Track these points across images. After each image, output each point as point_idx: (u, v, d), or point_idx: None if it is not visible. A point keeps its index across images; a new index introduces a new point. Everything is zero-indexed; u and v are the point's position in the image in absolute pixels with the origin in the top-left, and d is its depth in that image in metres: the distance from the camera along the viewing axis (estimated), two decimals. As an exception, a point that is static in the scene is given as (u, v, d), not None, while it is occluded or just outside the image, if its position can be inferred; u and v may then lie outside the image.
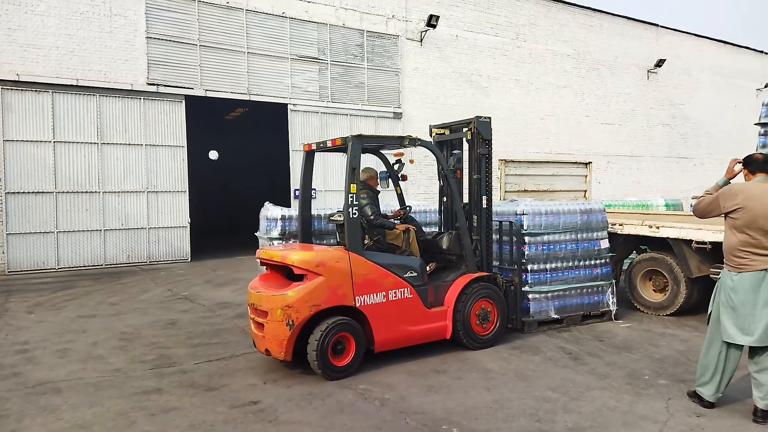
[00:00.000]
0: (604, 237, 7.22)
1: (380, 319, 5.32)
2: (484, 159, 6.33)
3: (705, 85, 25.28)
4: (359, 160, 5.43)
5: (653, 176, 23.32)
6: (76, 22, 12.39)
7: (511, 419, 4.22)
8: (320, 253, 5.26)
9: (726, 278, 4.24)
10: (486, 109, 18.67)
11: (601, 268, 7.19)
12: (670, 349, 5.99)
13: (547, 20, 20.20)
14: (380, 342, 5.36)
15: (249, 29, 14.45)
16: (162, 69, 13.33)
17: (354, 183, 5.27)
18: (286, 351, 5.01)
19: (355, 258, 5.25)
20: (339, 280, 5.13)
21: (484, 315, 5.94)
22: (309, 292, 5.01)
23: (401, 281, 5.49)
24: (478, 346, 5.89)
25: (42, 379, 5.25)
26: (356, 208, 5.25)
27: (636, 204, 10.82)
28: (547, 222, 6.76)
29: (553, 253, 6.82)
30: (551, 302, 6.80)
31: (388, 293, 5.39)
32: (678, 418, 4.21)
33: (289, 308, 4.96)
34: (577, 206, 7.09)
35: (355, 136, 5.39)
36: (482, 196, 6.30)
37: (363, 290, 5.24)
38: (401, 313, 5.46)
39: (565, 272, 6.91)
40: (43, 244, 12.23)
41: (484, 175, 6.34)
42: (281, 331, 4.98)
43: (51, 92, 12.20)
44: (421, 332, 5.63)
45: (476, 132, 6.33)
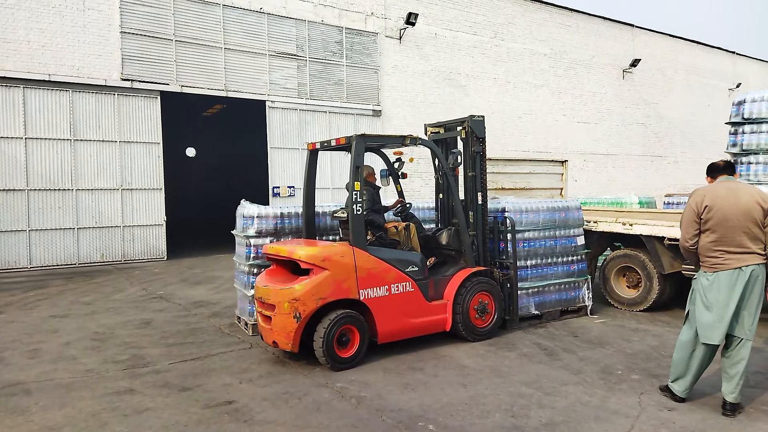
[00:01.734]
0: (580, 234, 7.36)
1: (383, 311, 5.52)
2: (478, 157, 6.48)
3: (679, 84, 25.73)
4: (363, 158, 5.61)
5: (628, 174, 23.68)
6: (47, 15, 12.13)
7: (486, 415, 4.25)
8: (326, 249, 5.42)
9: (702, 278, 4.32)
10: (465, 108, 18.77)
11: (578, 264, 7.32)
12: (643, 344, 6.09)
13: (524, 19, 20.36)
14: (383, 334, 5.56)
15: (226, 24, 14.30)
16: (137, 64, 13.13)
17: (358, 181, 5.44)
18: (293, 343, 5.21)
19: (359, 253, 5.44)
20: (344, 274, 5.32)
21: (482, 308, 6.13)
22: (315, 286, 5.19)
23: (403, 275, 5.68)
24: (477, 338, 6.10)
25: (12, 381, 5.14)
26: (360, 206, 5.44)
27: (611, 201, 10.98)
28: (528, 219, 6.88)
29: (533, 249, 6.94)
30: (531, 298, 6.90)
31: (391, 287, 5.59)
32: (649, 413, 4.28)
33: (296, 301, 5.14)
34: (556, 204, 7.22)
35: (358, 136, 5.56)
36: (477, 193, 6.46)
37: (367, 284, 5.44)
38: (403, 306, 5.66)
39: (544, 269, 7.04)
40: (14, 242, 11.96)
41: (479, 173, 6.49)
42: (289, 323, 5.17)
43: (22, 87, 11.93)
44: (422, 324, 5.81)
45: (470, 131, 6.48)
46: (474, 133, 6.47)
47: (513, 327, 6.63)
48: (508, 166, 10.31)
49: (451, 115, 18.43)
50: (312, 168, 6.42)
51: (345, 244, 5.60)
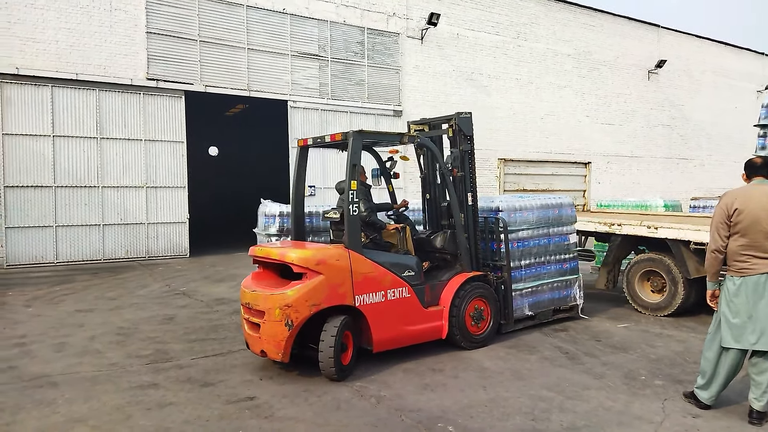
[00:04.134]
0: (572, 231, 7.21)
1: (379, 318, 5.25)
2: (467, 155, 6.21)
3: (706, 86, 25.29)
4: (360, 156, 5.37)
5: (653, 177, 23.34)
6: (76, 16, 12.36)
7: (506, 418, 4.22)
8: (320, 251, 5.12)
9: (728, 283, 4.24)
10: (486, 108, 18.69)
11: (570, 262, 7.17)
12: (667, 349, 5.99)
13: (548, 19, 20.19)
14: (379, 342, 5.29)
15: (249, 25, 14.43)
16: (162, 64, 13.31)
17: (355, 179, 5.18)
18: (284, 352, 4.88)
19: (355, 256, 5.16)
20: (339, 278, 5.02)
21: (478, 314, 5.93)
22: (309, 291, 4.88)
23: (399, 280, 5.43)
24: (473, 345, 5.87)
25: (38, 373, 5.25)
26: (356, 206, 5.17)
27: (635, 204, 10.81)
28: (521, 218, 6.66)
29: (527, 249, 6.72)
30: (525, 299, 6.67)
31: (387, 292, 5.32)
32: (673, 419, 4.21)
33: (288, 308, 4.83)
34: (549, 200, 7.04)
35: (356, 132, 5.33)
36: (467, 194, 6.19)
37: (363, 289, 5.16)
38: (400, 312, 5.40)
39: (538, 268, 6.84)
40: (41, 238, 12.22)
41: (468, 172, 6.22)
42: (279, 331, 4.84)
43: (50, 86, 12.18)
44: (418, 332, 5.57)
45: (458, 128, 6.18)
46: (462, 131, 6.18)
47: (507, 330, 6.41)
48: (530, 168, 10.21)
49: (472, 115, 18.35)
50: (302, 165, 6.09)
51: (340, 246, 5.24)
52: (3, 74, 11.67)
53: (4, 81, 11.71)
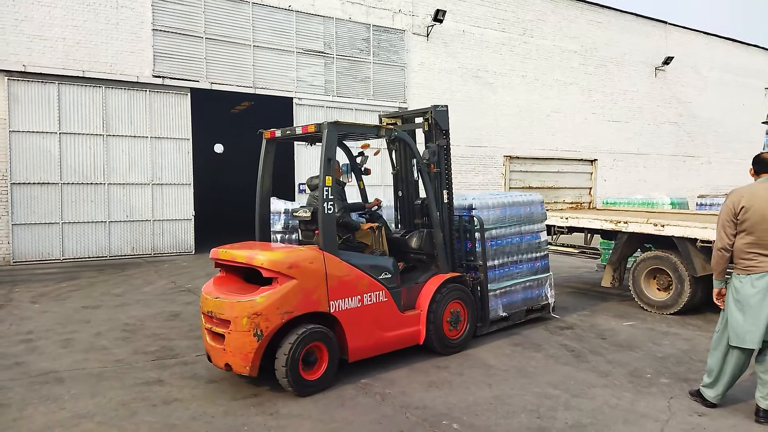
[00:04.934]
0: (543, 229, 7.13)
1: (355, 325, 4.91)
2: (443, 151, 5.96)
3: (713, 83, 25.13)
4: (335, 150, 5.02)
5: (659, 174, 23.23)
6: (82, 13, 12.39)
7: (511, 415, 4.21)
8: (292, 254, 4.72)
9: (735, 281, 4.21)
10: (492, 105, 18.65)
11: (541, 261, 7.07)
12: (673, 347, 5.96)
13: (554, 16, 20.11)
14: (354, 350, 4.95)
15: (255, 22, 14.43)
16: (168, 61, 13.33)
17: (330, 175, 4.84)
18: (252, 365, 4.46)
19: (330, 258, 4.79)
20: (313, 283, 4.65)
21: (455, 318, 5.68)
22: (280, 298, 4.47)
23: (376, 284, 5.11)
24: (450, 351, 5.61)
25: (45, 369, 5.28)
26: (332, 204, 4.83)
27: (641, 202, 10.76)
28: (495, 216, 6.48)
29: (501, 248, 6.57)
30: (499, 300, 6.48)
31: (364, 297, 4.99)
32: (679, 417, 4.19)
33: (257, 316, 4.40)
34: (520, 198, 6.90)
35: (331, 123, 4.96)
36: (443, 191, 5.93)
37: (338, 294, 4.80)
38: (377, 318, 5.08)
39: (511, 267, 6.70)
40: (48, 234, 12.27)
41: (444, 168, 5.95)
42: (247, 342, 4.41)
43: (57, 83, 12.22)
44: (395, 338, 5.27)
45: (434, 122, 5.90)
46: (438, 125, 5.89)
47: (482, 333, 6.17)
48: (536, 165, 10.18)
49: (478, 113, 18.34)
50: (268, 160, 5.65)
51: (314, 248, 4.86)
52: (10, 71, 11.71)
53: (12, 78, 11.76)
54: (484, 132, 18.53)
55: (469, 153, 18.23)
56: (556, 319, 7.12)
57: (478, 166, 18.46)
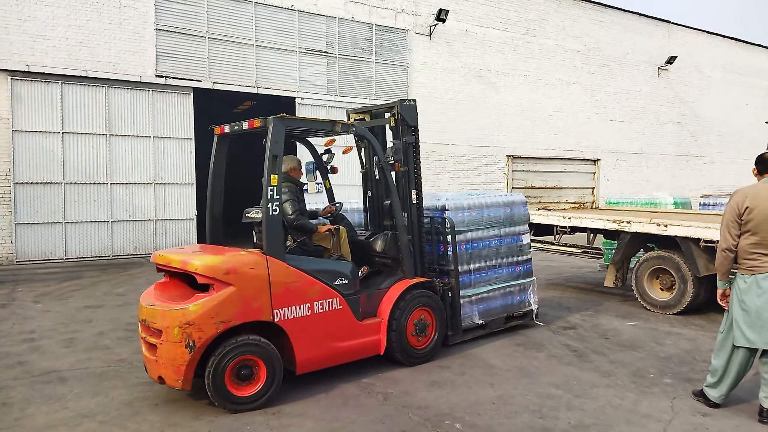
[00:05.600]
0: (525, 231, 6.76)
1: (304, 335, 4.57)
2: (411, 148, 5.60)
3: (716, 82, 25.07)
4: (282, 146, 4.66)
5: (662, 174, 23.19)
6: (85, 13, 12.41)
7: (514, 415, 4.20)
8: (231, 258, 4.39)
9: (739, 281, 4.20)
10: (494, 105, 18.63)
11: (523, 265, 6.68)
12: (676, 347, 5.95)
13: (557, 15, 20.08)
14: (303, 362, 4.61)
15: (258, 22, 14.44)
16: (170, 61, 13.35)
17: (275, 174, 4.54)
18: (185, 379, 4.15)
19: (274, 264, 4.46)
20: (254, 290, 4.33)
21: (421, 326, 5.33)
22: (215, 306, 4.15)
23: (330, 290, 4.77)
24: (415, 361, 5.27)
25: (47, 369, 5.29)
26: (277, 204, 4.53)
27: (644, 202, 10.74)
28: (470, 217, 6.10)
29: (477, 251, 6.16)
30: (475, 306, 6.07)
31: (314, 305, 4.65)
32: (682, 417, 4.18)
33: (189, 326, 4.08)
34: (500, 198, 6.53)
35: (277, 118, 4.65)
36: (411, 191, 5.57)
37: (283, 302, 4.46)
38: (329, 327, 4.74)
39: (489, 272, 6.29)
40: (50, 234, 12.30)
41: (413, 167, 5.60)
42: (179, 354, 4.09)
43: (60, 83, 12.24)
44: (351, 348, 4.92)
45: (400, 118, 5.54)
46: (405, 120, 5.53)
47: (455, 342, 5.81)
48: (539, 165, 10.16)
49: (480, 112, 18.33)
50: (220, 157, 5.41)
51: (257, 252, 4.52)
52: (13, 71, 11.74)
53: (15, 78, 11.78)
54: (487, 132, 18.52)
55: (471, 153, 18.22)
56: (558, 319, 7.10)
57: (481, 165, 18.45)
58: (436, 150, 17.47)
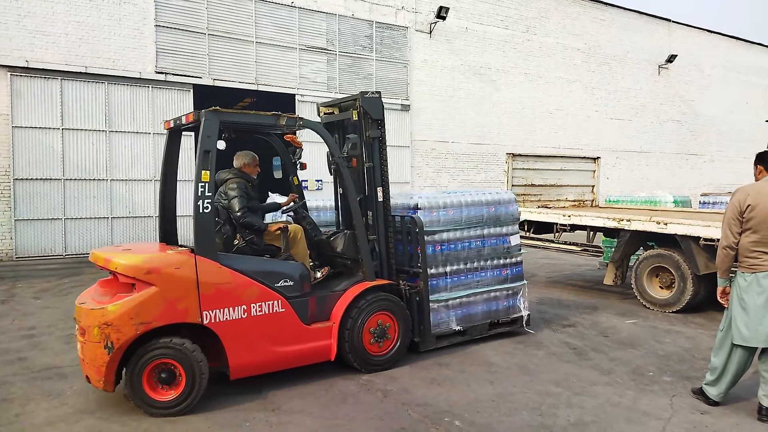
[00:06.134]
0: (514, 232, 6.33)
1: (238, 339, 4.38)
2: (377, 143, 5.31)
3: (716, 81, 25.06)
4: (215, 141, 4.47)
5: (662, 173, 23.19)
6: (85, 9, 12.38)
7: (513, 413, 4.21)
8: (154, 258, 4.29)
9: (739, 279, 4.20)
10: (495, 103, 18.62)
11: (511, 268, 6.26)
12: (676, 346, 5.95)
13: (558, 13, 20.06)
14: (237, 367, 4.42)
15: (258, 18, 14.41)
16: (170, 57, 13.32)
17: (207, 169, 4.35)
18: (106, 380, 4.05)
19: (204, 264, 4.28)
20: (179, 291, 4.16)
21: (381, 332, 5.05)
22: (135, 307, 4.03)
23: (270, 292, 4.55)
24: (373, 369, 5.01)
25: (47, 365, 5.29)
26: (207, 202, 4.33)
27: (644, 200, 10.75)
28: (446, 217, 5.77)
29: (455, 253, 5.82)
30: (452, 311, 5.74)
31: (251, 307, 4.44)
32: (682, 415, 4.18)
33: (107, 326, 3.98)
34: (484, 196, 6.12)
35: (209, 111, 4.45)
36: (377, 188, 5.29)
37: (214, 304, 4.28)
38: (268, 331, 4.53)
39: (469, 275, 5.92)
40: (50, 230, 12.29)
41: (379, 163, 5.31)
42: (99, 354, 4.01)
43: (60, 79, 12.22)
44: (296, 354, 4.69)
45: (363, 111, 5.27)
46: (368, 114, 5.26)
47: (427, 348, 5.51)
48: (539, 163, 10.16)
49: (480, 110, 18.32)
50: (171, 152, 5.24)
51: (185, 251, 4.36)
52: (13, 67, 11.71)
53: (14, 74, 11.76)
54: (487, 129, 18.52)
55: (471, 150, 18.22)
56: (557, 317, 7.11)
57: (481, 163, 18.45)
58: (435, 148, 17.46)
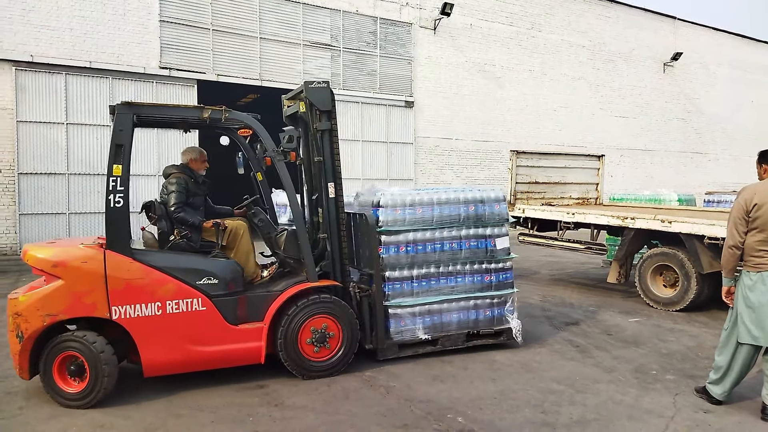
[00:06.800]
0: (501, 234, 5.68)
1: (151, 336, 4.31)
2: (327, 136, 5.01)
3: (722, 79, 24.95)
4: (128, 135, 4.45)
5: (666, 171, 23.13)
6: (89, 4, 12.40)
7: (515, 410, 4.21)
8: (62, 251, 4.32)
9: (744, 278, 4.19)
10: (499, 100, 18.58)
11: (496, 274, 5.63)
12: (679, 344, 5.94)
13: (563, 10, 19.99)
14: (150, 365, 4.35)
15: (262, 14, 14.41)
16: (174, 53, 13.33)
17: (119, 163, 4.38)
18: (21, 368, 4.21)
19: (114, 259, 4.28)
20: (86, 285, 4.20)
21: (321, 336, 4.74)
22: (41, 299, 4.13)
23: (190, 290, 4.44)
24: (313, 375, 4.75)
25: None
26: (120, 196, 4.40)
27: (649, 198, 10.72)
28: (414, 216, 5.33)
29: (423, 255, 5.35)
30: (419, 318, 5.29)
31: (166, 304, 4.35)
32: (684, 414, 4.18)
33: (18, 316, 4.13)
34: (461, 194, 5.58)
35: (122, 105, 4.42)
36: (328, 183, 5.01)
37: (125, 299, 4.25)
38: (187, 329, 4.41)
39: (441, 280, 5.42)
40: (54, 224, 12.32)
41: (330, 157, 5.02)
42: (13, 343, 4.19)
43: (64, 74, 12.24)
44: (220, 354, 4.53)
45: (309, 103, 4.97)
46: (314, 106, 4.96)
47: (387, 357, 5.16)
48: (543, 160, 10.13)
49: (484, 107, 18.28)
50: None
51: (95, 246, 4.38)
52: (18, 62, 11.74)
53: (19, 68, 11.79)
54: (491, 126, 18.49)
55: (474, 147, 18.20)
56: (560, 315, 7.10)
57: (484, 160, 18.42)
58: (439, 145, 17.45)
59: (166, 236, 4.84)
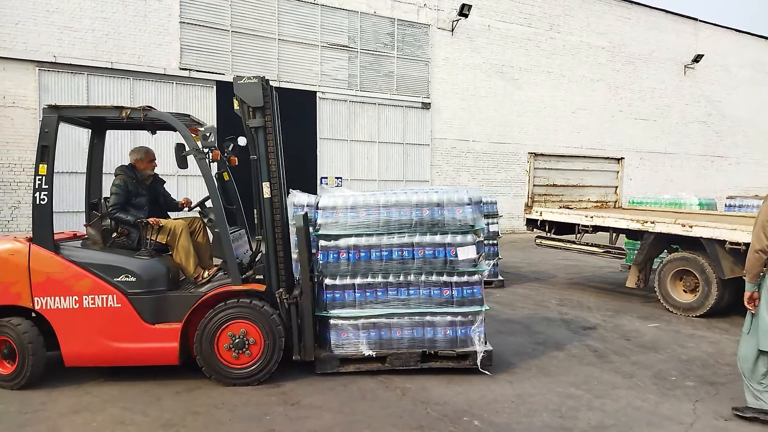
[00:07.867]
0: (466, 243, 4.94)
1: (70, 328, 4.54)
2: (261, 133, 4.83)
3: (744, 82, 24.57)
4: (53, 136, 4.67)
5: (687, 174, 22.82)
6: (111, 5, 12.57)
7: (533, 414, 4.18)
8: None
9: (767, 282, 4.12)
10: (516, 102, 18.49)
11: (459, 288, 4.94)
12: (699, 350, 5.86)
13: (582, 11, 19.83)
14: (69, 355, 4.58)
15: (280, 16, 14.49)
16: (194, 54, 13.47)
17: (44, 163, 4.61)
18: None
19: (38, 253, 4.58)
20: (12, 276, 4.56)
21: (240, 342, 4.60)
22: None
23: (106, 286, 4.57)
24: (233, 382, 4.63)
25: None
26: (44, 194, 4.62)
27: (668, 202, 10.58)
28: (356, 219, 4.93)
29: (366, 262, 4.91)
30: (362, 332, 4.88)
31: (83, 299, 4.55)
32: (704, 421, 4.12)
33: None
34: (417, 196, 4.99)
35: (47, 107, 4.68)
36: (262, 183, 4.85)
37: (46, 291, 4.53)
38: (102, 325, 4.56)
39: (389, 291, 4.93)
40: (76, 223, 12.42)
41: (265, 155, 4.84)
42: None
43: (86, 74, 12.42)
44: (135, 352, 4.60)
45: (240, 99, 4.79)
46: (245, 102, 4.77)
47: (325, 371, 4.85)
48: (561, 163, 10.05)
49: (502, 109, 18.20)
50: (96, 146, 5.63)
51: (22, 240, 4.71)
52: (41, 62, 11.94)
53: (42, 68, 11.98)
54: (508, 128, 18.40)
55: (492, 149, 18.12)
56: (578, 319, 7.03)
57: (501, 162, 18.34)
58: (456, 146, 17.41)
59: (108, 233, 5.05)
